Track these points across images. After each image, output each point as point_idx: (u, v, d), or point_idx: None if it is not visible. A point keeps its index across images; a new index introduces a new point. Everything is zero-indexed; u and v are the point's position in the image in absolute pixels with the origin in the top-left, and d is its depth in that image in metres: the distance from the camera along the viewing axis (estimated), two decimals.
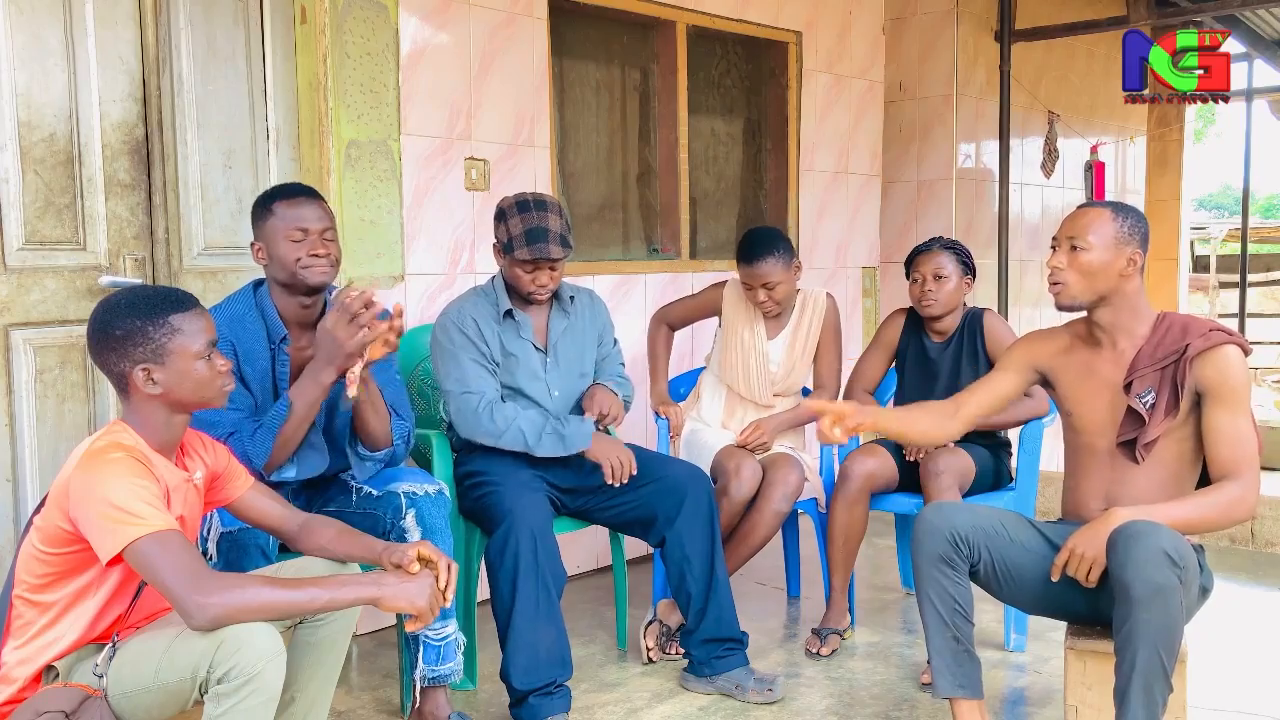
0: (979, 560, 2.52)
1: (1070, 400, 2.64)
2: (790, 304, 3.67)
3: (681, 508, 3.11)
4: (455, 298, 3.24)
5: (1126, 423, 2.53)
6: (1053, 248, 2.59)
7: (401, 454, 2.85)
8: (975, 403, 2.74)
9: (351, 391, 2.57)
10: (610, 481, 3.07)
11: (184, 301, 2.12)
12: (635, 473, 3.10)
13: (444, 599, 2.16)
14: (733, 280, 3.74)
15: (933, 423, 2.75)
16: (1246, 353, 2.50)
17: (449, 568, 2.20)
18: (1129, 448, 2.52)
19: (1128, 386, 2.52)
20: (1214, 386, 2.44)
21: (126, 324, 2.06)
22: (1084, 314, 2.61)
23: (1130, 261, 2.51)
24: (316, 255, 2.66)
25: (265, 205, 2.70)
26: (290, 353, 2.73)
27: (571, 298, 3.26)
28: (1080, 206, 2.62)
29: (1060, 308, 2.57)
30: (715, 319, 3.80)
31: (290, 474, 2.70)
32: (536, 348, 3.19)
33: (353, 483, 2.83)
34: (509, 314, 3.14)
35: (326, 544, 2.29)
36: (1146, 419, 2.48)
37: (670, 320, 3.82)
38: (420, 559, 2.18)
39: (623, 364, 3.40)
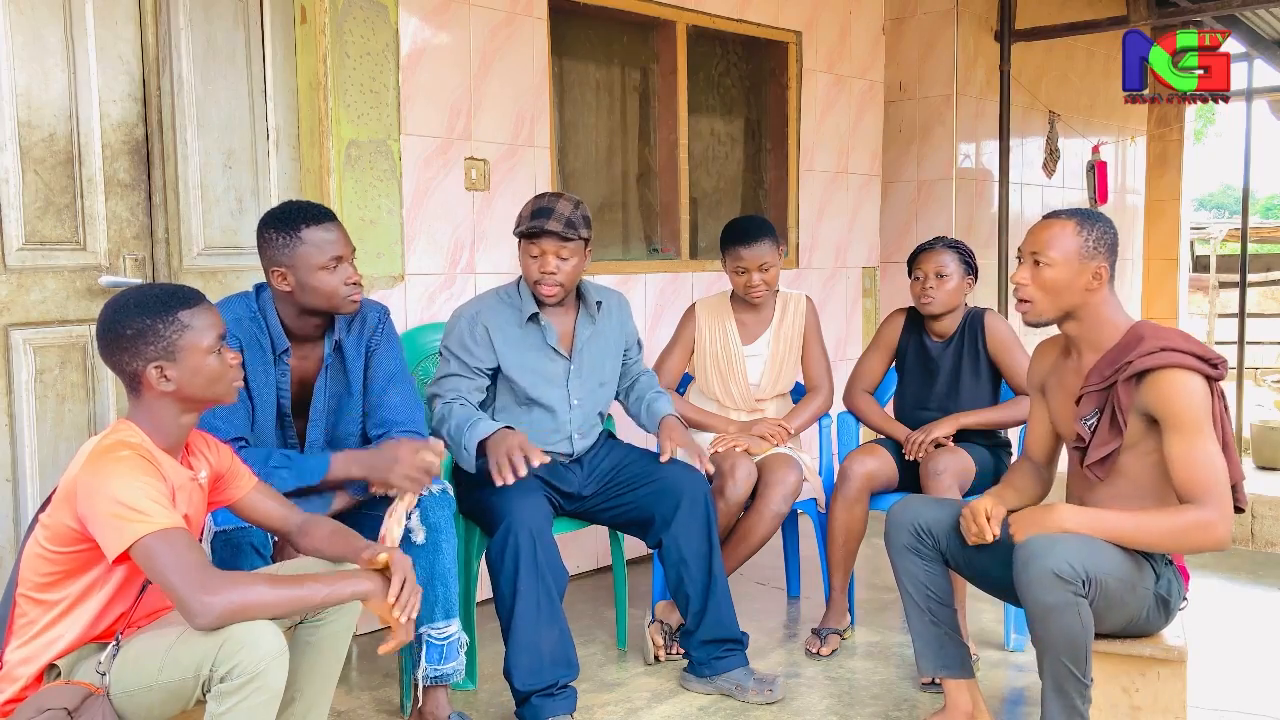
0: (944, 548, 2.68)
1: (1051, 410, 2.67)
2: (772, 302, 3.68)
3: (678, 510, 3.10)
4: (478, 294, 3.19)
5: (1078, 441, 2.52)
6: (1018, 260, 2.56)
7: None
8: (1042, 445, 2.74)
9: (388, 540, 2.51)
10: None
11: (191, 298, 2.14)
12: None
13: (399, 616, 2.14)
14: (700, 301, 3.76)
15: (1034, 484, 2.74)
16: (1210, 376, 2.35)
17: (404, 584, 2.16)
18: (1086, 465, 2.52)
19: (1078, 403, 2.50)
20: (1159, 412, 2.34)
21: (137, 323, 2.07)
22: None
23: (1095, 276, 2.45)
24: (354, 284, 2.63)
25: (290, 229, 2.58)
26: (290, 364, 2.70)
27: (599, 303, 3.21)
28: (1045, 217, 2.54)
29: (1027, 324, 2.56)
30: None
31: (289, 485, 2.69)
32: (560, 354, 3.16)
33: None
34: (534, 318, 3.11)
35: (319, 544, 2.30)
36: (1088, 440, 2.47)
37: (668, 380, 3.67)
38: (384, 565, 2.18)
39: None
